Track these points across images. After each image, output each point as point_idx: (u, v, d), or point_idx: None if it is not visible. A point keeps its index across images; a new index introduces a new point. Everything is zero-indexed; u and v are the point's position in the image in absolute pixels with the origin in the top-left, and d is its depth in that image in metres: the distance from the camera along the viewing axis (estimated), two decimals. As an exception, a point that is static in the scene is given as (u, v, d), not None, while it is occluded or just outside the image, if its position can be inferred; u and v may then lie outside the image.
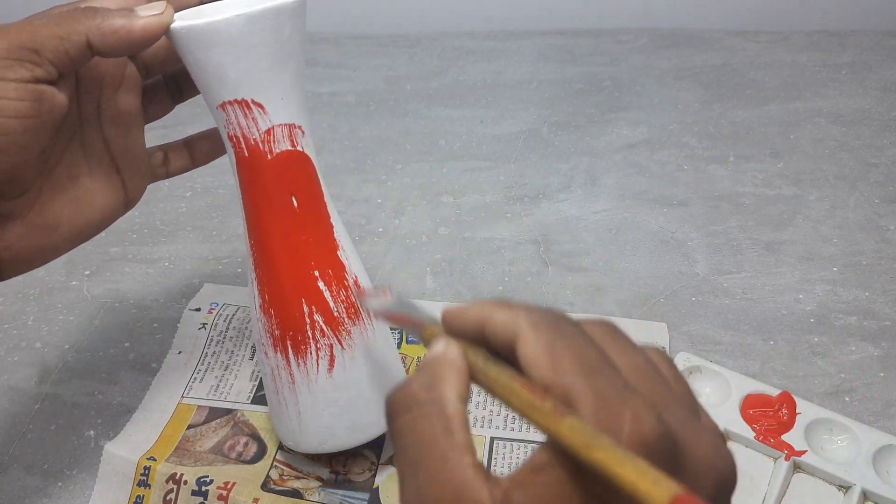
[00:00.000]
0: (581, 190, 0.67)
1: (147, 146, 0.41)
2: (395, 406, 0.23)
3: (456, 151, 0.73)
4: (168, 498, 0.43)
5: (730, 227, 0.62)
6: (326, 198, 0.41)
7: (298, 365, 0.40)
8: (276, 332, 0.40)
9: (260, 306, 0.41)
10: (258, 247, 0.40)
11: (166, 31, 0.35)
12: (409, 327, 0.28)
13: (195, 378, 0.51)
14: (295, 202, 0.39)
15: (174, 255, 0.62)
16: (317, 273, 0.40)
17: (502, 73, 0.84)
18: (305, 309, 0.40)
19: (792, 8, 0.91)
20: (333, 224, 0.41)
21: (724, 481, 0.21)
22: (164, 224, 0.65)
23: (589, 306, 0.55)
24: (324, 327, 0.40)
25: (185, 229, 0.64)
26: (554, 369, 0.21)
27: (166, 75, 0.41)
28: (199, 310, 0.56)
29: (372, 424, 0.42)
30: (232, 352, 0.53)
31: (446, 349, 0.24)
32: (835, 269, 0.58)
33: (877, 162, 0.68)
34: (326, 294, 0.40)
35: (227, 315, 0.55)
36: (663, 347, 0.51)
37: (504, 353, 0.23)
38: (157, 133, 0.45)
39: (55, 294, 0.58)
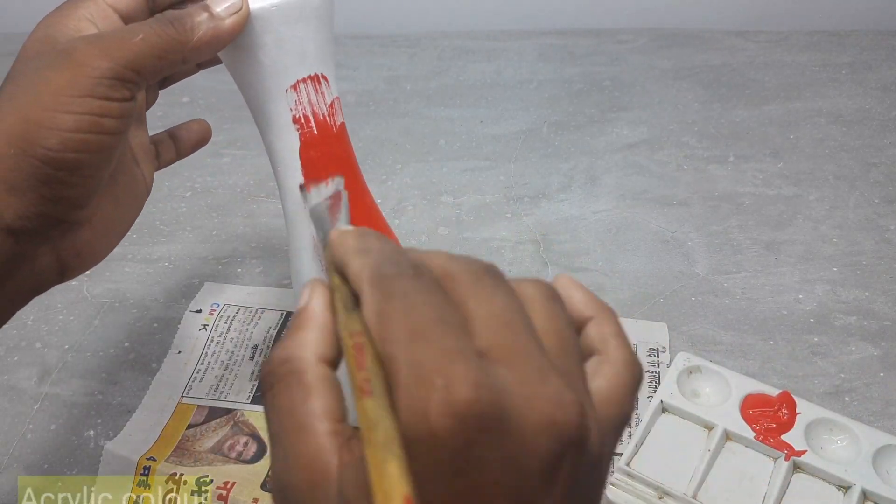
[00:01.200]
0: (581, 190, 0.67)
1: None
2: (262, 381, 0.22)
3: (456, 151, 0.73)
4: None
5: (730, 227, 0.62)
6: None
7: None
8: None
9: None
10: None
11: (247, 19, 0.35)
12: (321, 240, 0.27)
13: (195, 378, 0.51)
14: (356, 170, 0.41)
15: (174, 255, 0.62)
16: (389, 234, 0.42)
17: (502, 73, 0.84)
18: None
19: (792, 8, 0.91)
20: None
21: (567, 435, 0.19)
22: (164, 224, 0.65)
23: (589, 306, 0.55)
24: None
25: (185, 229, 0.64)
26: (380, 336, 0.20)
27: None
28: (199, 311, 0.56)
29: None
30: (232, 352, 0.53)
31: (309, 299, 0.23)
32: (835, 269, 0.58)
33: (877, 162, 0.68)
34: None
35: (228, 316, 0.55)
36: (663, 348, 0.51)
37: None
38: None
39: (55, 294, 0.58)
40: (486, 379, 0.19)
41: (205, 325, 0.55)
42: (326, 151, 0.39)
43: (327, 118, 0.39)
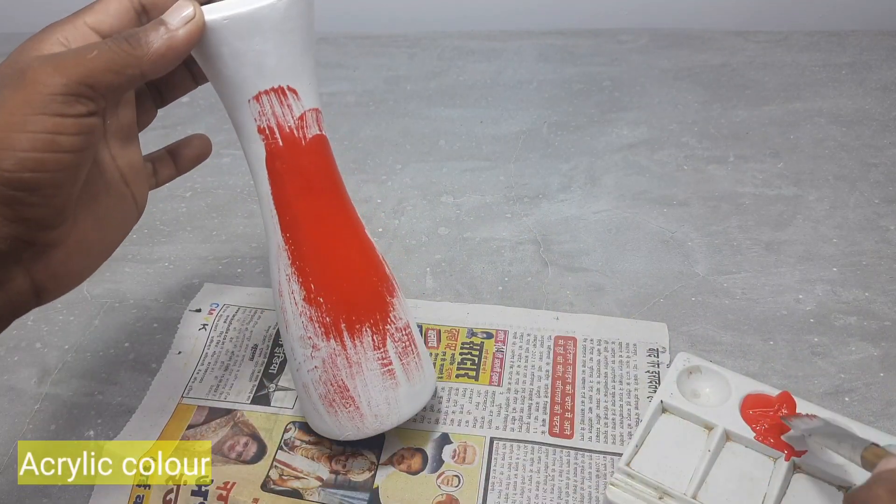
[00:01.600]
0: (581, 190, 0.67)
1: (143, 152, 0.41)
2: None
3: (456, 151, 0.73)
4: (168, 498, 0.43)
5: (730, 227, 0.62)
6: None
7: (355, 346, 0.41)
8: (328, 320, 0.40)
9: (304, 299, 0.40)
10: (299, 238, 0.40)
11: (203, 31, 0.35)
12: (843, 448, 0.31)
13: (195, 378, 0.51)
14: (328, 184, 0.41)
15: (174, 255, 0.62)
16: (363, 249, 0.42)
17: (502, 73, 0.84)
18: (376, 283, 0.42)
19: (792, 8, 0.91)
20: (351, 203, 0.42)
21: None
22: (164, 224, 0.65)
23: (589, 306, 0.55)
24: (389, 299, 0.42)
25: (185, 229, 0.64)
26: None
27: (149, 82, 0.41)
28: (199, 311, 0.56)
29: (426, 387, 0.44)
30: (232, 352, 0.53)
31: None
32: (835, 269, 0.58)
33: (877, 162, 0.68)
34: (386, 268, 0.43)
35: (228, 316, 0.55)
36: (663, 348, 0.52)
37: None
38: (158, 133, 0.46)
39: (55, 294, 0.58)
40: None
41: (204, 325, 0.55)
42: (294, 164, 0.39)
43: (294, 130, 0.39)
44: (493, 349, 0.52)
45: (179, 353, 0.53)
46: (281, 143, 0.39)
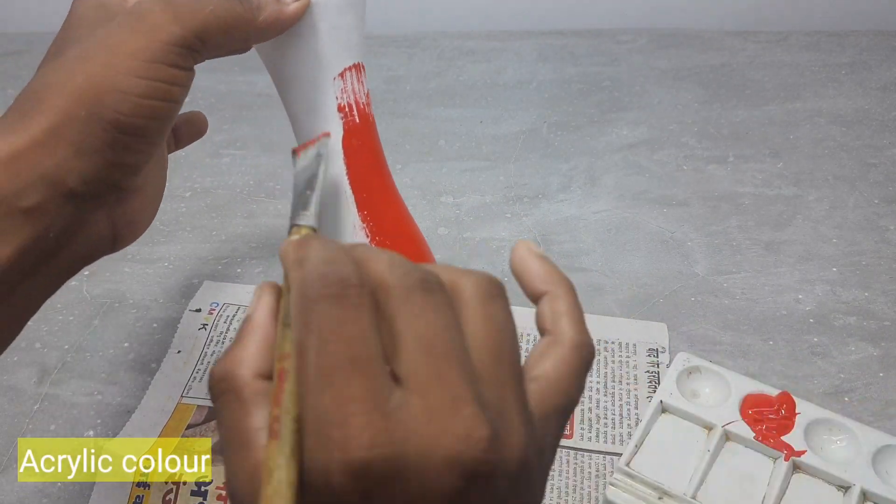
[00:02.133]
0: (581, 190, 0.67)
1: None
2: (209, 390, 0.23)
3: (456, 151, 0.73)
4: (167, 498, 0.43)
5: (729, 227, 0.62)
6: None
7: None
8: None
9: None
10: (378, 214, 0.40)
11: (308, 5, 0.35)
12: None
13: (195, 378, 0.51)
14: (385, 161, 0.41)
15: (174, 255, 0.62)
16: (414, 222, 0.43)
17: (502, 73, 0.84)
18: (432, 255, 0.44)
19: (792, 8, 0.91)
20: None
21: (471, 470, 0.19)
22: (164, 224, 0.65)
23: (589, 306, 0.55)
24: None
25: (185, 229, 0.64)
26: (297, 373, 0.20)
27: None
28: (199, 310, 0.56)
29: None
30: (232, 352, 0.53)
31: (254, 309, 0.23)
32: (834, 269, 0.58)
33: (876, 162, 0.68)
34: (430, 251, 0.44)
35: (228, 315, 0.55)
36: (663, 348, 0.51)
37: None
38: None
39: (55, 294, 0.58)
40: (386, 430, 0.19)
41: (204, 325, 0.55)
42: (365, 141, 0.40)
43: (366, 107, 0.39)
44: (493, 349, 0.52)
45: (179, 352, 0.53)
46: (358, 120, 0.39)
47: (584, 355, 0.23)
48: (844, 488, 0.42)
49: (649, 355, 0.51)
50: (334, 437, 0.19)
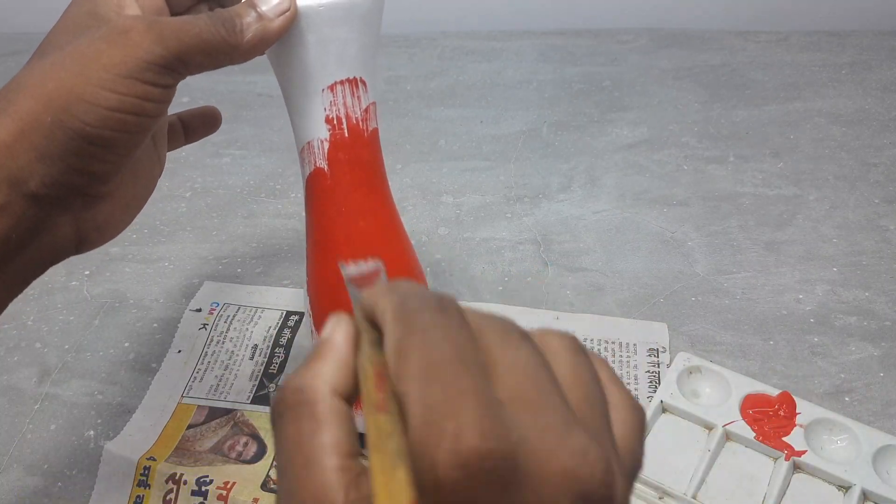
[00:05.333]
0: (581, 190, 0.67)
1: None
2: (273, 409, 0.22)
3: (456, 151, 0.73)
4: (168, 498, 0.43)
5: (730, 227, 0.62)
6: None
7: None
8: None
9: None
10: (354, 232, 0.41)
11: (293, 20, 0.35)
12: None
13: (195, 378, 0.51)
14: (380, 178, 0.41)
15: (174, 255, 0.62)
16: (407, 244, 0.43)
17: (502, 73, 0.84)
18: (422, 279, 0.44)
19: (792, 8, 0.91)
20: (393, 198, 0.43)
21: (590, 492, 0.18)
22: (164, 224, 0.65)
23: (589, 306, 0.55)
24: None
25: (185, 229, 0.64)
26: (396, 370, 0.19)
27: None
28: (199, 310, 0.56)
29: None
30: (232, 352, 0.53)
31: (332, 332, 0.22)
32: (835, 269, 0.58)
33: (877, 162, 0.68)
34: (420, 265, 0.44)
35: (228, 315, 0.55)
36: (663, 348, 0.51)
37: None
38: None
39: (55, 294, 0.58)
40: (500, 426, 0.17)
41: (204, 325, 0.55)
42: (353, 155, 0.39)
43: (360, 122, 0.39)
44: (493, 349, 0.52)
45: (179, 352, 0.53)
46: (347, 134, 0.39)
47: (642, 417, 0.23)
48: (845, 488, 0.42)
49: (650, 355, 0.51)
50: (446, 429, 0.17)
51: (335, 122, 0.38)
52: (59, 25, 0.33)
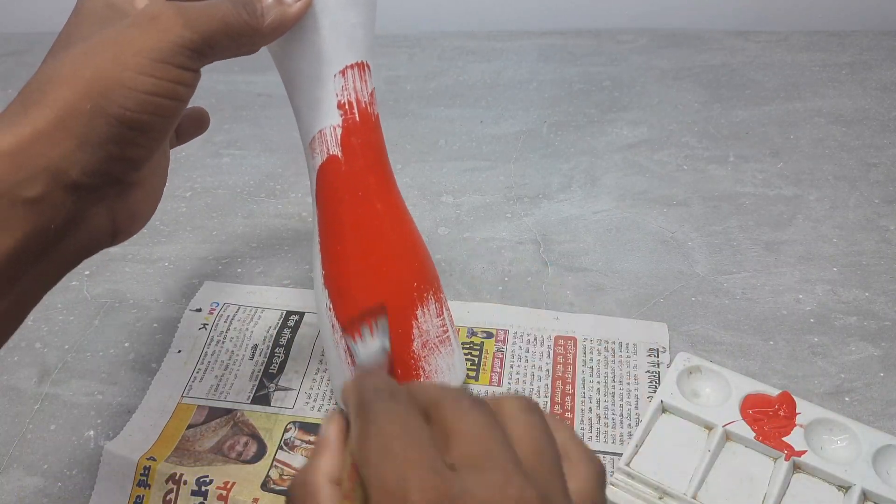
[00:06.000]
0: (581, 190, 0.67)
1: None
2: (289, 491, 0.26)
3: (456, 151, 0.73)
4: (168, 498, 0.43)
5: (730, 227, 0.62)
6: None
7: (424, 313, 0.43)
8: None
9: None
10: (373, 217, 0.41)
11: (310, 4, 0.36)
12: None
13: (195, 378, 0.51)
14: (387, 161, 0.42)
15: (174, 255, 0.62)
16: (413, 224, 0.44)
17: (502, 73, 0.84)
18: (430, 254, 0.45)
19: (792, 8, 0.91)
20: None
21: None
22: (164, 224, 0.65)
23: (589, 306, 0.55)
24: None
25: (185, 229, 0.64)
26: (360, 458, 0.22)
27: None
28: (199, 310, 0.56)
29: (461, 354, 0.47)
30: (232, 351, 0.53)
31: (327, 428, 0.27)
32: (835, 269, 0.58)
33: (877, 162, 0.68)
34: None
35: (228, 315, 0.55)
36: (663, 348, 0.51)
37: None
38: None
39: (55, 294, 0.58)
40: (443, 484, 0.21)
41: (204, 325, 0.55)
42: (365, 139, 0.40)
43: (368, 106, 0.39)
44: (493, 349, 0.52)
45: (179, 352, 0.53)
46: (358, 119, 0.39)
47: (600, 468, 0.26)
48: (845, 488, 0.42)
49: (650, 355, 0.51)
50: (396, 494, 0.20)
51: (347, 106, 0.39)
52: (77, 19, 0.33)
